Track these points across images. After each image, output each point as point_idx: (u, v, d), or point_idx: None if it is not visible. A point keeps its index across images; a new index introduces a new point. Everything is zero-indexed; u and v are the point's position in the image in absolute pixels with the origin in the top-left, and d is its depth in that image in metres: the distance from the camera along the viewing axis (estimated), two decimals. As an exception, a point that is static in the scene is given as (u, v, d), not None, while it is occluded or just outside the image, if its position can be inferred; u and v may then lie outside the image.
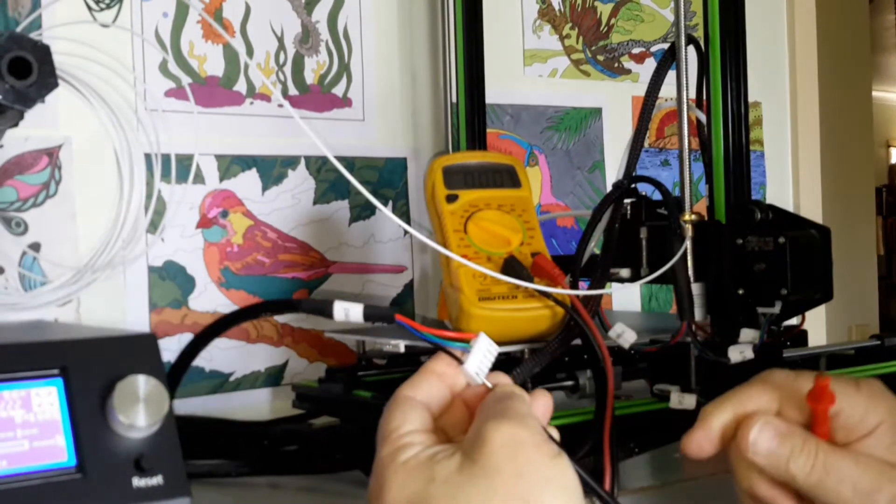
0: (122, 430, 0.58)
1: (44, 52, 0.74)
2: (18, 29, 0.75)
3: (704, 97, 0.90)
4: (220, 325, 0.79)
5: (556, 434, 0.58)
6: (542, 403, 0.59)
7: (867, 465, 0.55)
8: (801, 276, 0.80)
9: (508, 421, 0.52)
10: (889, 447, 0.55)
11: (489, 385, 0.58)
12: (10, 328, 0.78)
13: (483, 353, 0.58)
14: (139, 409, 0.58)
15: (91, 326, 0.76)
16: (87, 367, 0.59)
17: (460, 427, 0.56)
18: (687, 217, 0.84)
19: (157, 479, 0.58)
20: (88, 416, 0.58)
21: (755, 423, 0.57)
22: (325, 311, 0.63)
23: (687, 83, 0.86)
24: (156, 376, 0.59)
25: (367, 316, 0.63)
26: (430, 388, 0.57)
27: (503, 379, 0.59)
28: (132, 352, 0.61)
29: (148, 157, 0.78)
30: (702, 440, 0.59)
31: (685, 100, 0.86)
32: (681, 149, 0.86)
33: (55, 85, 0.74)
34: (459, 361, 0.57)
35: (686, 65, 0.86)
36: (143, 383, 0.58)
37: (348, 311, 0.63)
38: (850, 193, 2.94)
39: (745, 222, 0.84)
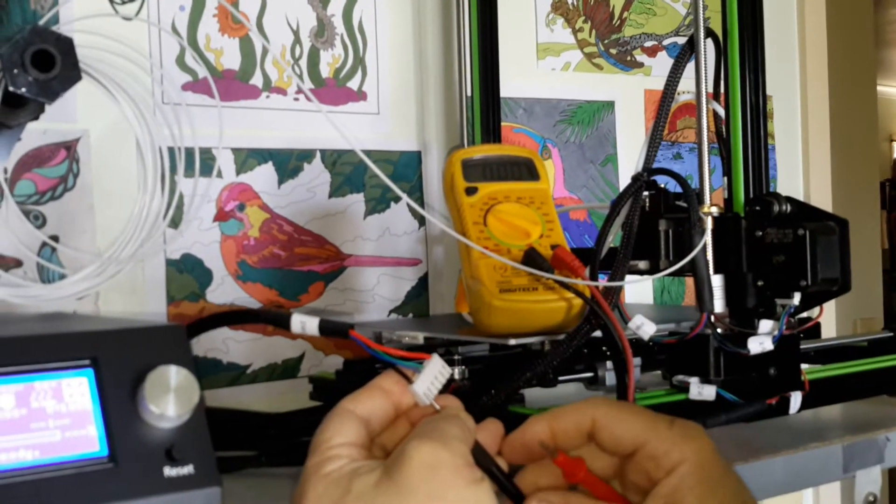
0: (153, 420, 0.58)
1: (67, 45, 0.74)
2: (41, 22, 0.75)
3: (722, 90, 0.90)
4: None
5: (504, 465, 0.58)
6: (490, 431, 0.59)
7: None
8: (821, 268, 0.81)
9: (431, 441, 0.53)
10: (691, 488, 0.54)
11: (437, 407, 0.58)
12: (34, 319, 0.79)
13: (434, 374, 0.58)
14: (170, 400, 0.58)
15: (119, 318, 0.76)
16: (118, 358, 0.60)
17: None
18: (706, 209, 0.84)
19: (188, 469, 0.59)
20: (119, 407, 0.58)
21: (531, 501, 0.57)
22: (283, 323, 0.64)
23: (706, 76, 0.86)
24: (186, 367, 0.59)
25: (323, 330, 0.64)
26: (373, 403, 0.58)
27: (452, 402, 0.59)
28: (162, 342, 0.61)
29: (170, 150, 0.79)
30: (514, 446, 0.59)
31: (704, 93, 0.86)
32: (699, 141, 0.86)
33: (78, 78, 0.74)
34: (409, 380, 0.58)
35: (705, 57, 0.87)
36: (174, 374, 0.58)
37: (305, 324, 0.64)
38: (855, 187, 2.94)
39: (763, 214, 0.84)
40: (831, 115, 1.74)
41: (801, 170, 1.67)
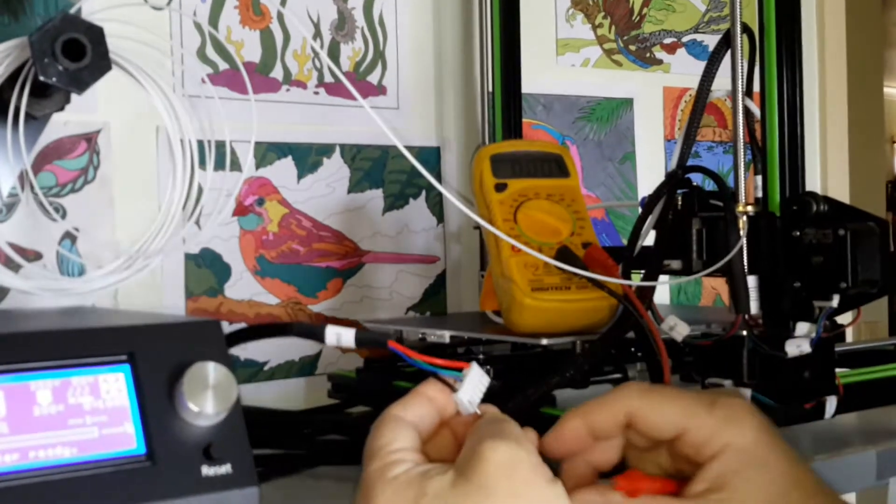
0: (191, 418, 0.57)
1: (97, 34, 0.72)
2: (72, 10, 0.74)
3: (757, 87, 0.88)
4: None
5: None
6: (529, 440, 0.57)
7: None
8: (861, 270, 0.79)
9: (506, 441, 0.52)
10: (736, 472, 0.53)
11: (479, 413, 0.58)
12: (58, 314, 0.77)
13: (476, 382, 0.58)
14: (208, 397, 0.57)
15: (149, 312, 0.74)
16: (154, 354, 0.58)
17: (445, 454, 0.55)
18: (742, 208, 0.83)
19: (226, 468, 0.57)
20: (157, 403, 0.57)
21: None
22: (318, 335, 0.63)
23: (742, 73, 0.85)
24: (224, 364, 0.58)
25: (359, 341, 0.63)
26: (421, 410, 0.57)
27: (492, 409, 0.58)
28: (198, 338, 0.60)
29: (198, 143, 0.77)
30: (552, 443, 0.58)
31: (740, 90, 0.85)
32: (735, 139, 0.85)
33: (108, 68, 0.72)
34: (453, 389, 0.57)
35: (741, 54, 0.85)
36: (212, 370, 0.57)
37: (340, 336, 0.63)
38: (862, 188, 2.93)
39: (800, 214, 0.83)
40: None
41: (819, 170, 1.65)
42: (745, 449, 0.54)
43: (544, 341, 0.82)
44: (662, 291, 1.44)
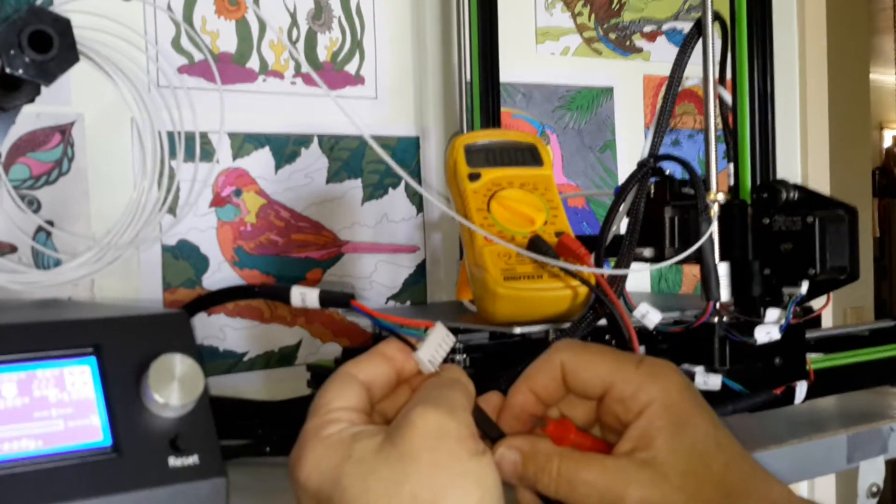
0: (157, 410, 0.57)
1: (64, 26, 0.72)
2: (38, 1, 0.74)
3: (728, 75, 0.89)
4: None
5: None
6: (492, 403, 0.58)
7: (613, 471, 0.53)
8: (830, 256, 0.80)
9: (437, 409, 0.51)
10: (660, 429, 0.53)
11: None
12: (31, 306, 0.77)
13: (438, 342, 0.57)
14: (174, 388, 0.57)
15: (121, 305, 0.75)
16: (121, 346, 0.58)
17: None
18: (713, 196, 0.83)
19: (192, 459, 0.58)
20: (123, 396, 0.57)
21: (499, 447, 0.56)
22: (282, 296, 0.63)
23: (714, 62, 0.85)
24: (190, 355, 0.58)
25: (323, 301, 0.63)
26: (375, 369, 0.56)
27: (454, 370, 0.58)
28: (165, 330, 0.60)
29: (168, 134, 0.77)
30: (510, 423, 0.58)
31: (712, 78, 0.85)
32: (706, 128, 0.85)
33: (76, 59, 0.73)
34: (412, 347, 0.57)
35: (713, 42, 0.85)
36: (178, 362, 0.57)
37: (305, 297, 0.63)
38: (848, 175, 2.93)
39: (771, 201, 0.83)
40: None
41: (799, 157, 1.66)
42: (669, 405, 0.54)
43: (517, 330, 0.82)
44: (643, 279, 1.45)
